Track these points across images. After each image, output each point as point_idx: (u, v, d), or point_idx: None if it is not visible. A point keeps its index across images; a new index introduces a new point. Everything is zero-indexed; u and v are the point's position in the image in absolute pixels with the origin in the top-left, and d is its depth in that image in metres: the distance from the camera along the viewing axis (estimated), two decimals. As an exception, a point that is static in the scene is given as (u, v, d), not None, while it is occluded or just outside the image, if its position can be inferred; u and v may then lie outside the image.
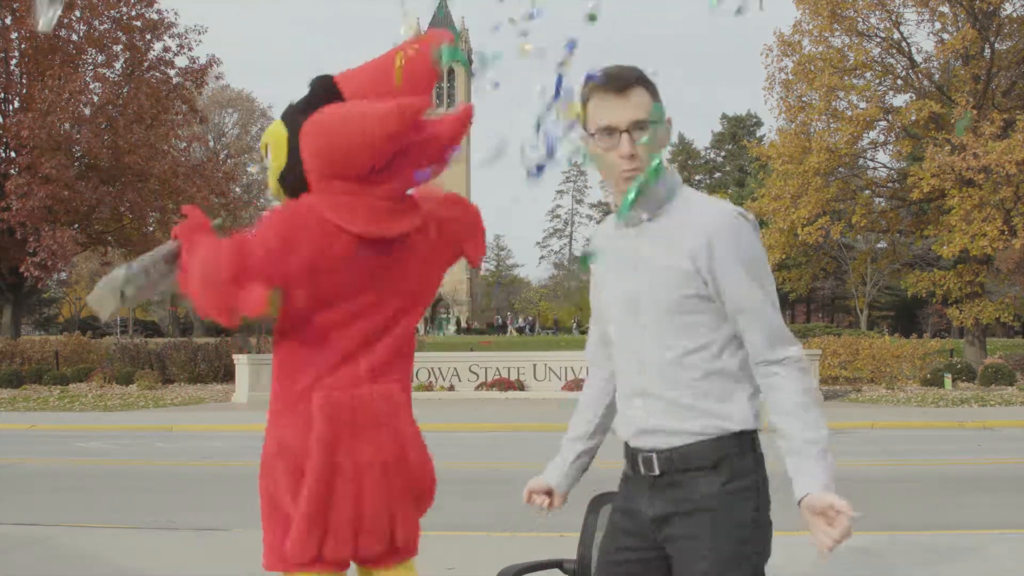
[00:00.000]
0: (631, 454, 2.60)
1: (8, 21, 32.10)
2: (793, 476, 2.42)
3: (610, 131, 2.46)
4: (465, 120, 3.09)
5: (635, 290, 2.54)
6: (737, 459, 2.49)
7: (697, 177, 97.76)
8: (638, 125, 2.45)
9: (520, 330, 78.24)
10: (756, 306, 2.48)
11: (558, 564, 3.31)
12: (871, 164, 35.24)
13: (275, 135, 3.01)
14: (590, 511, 3.15)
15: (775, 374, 2.48)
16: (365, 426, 2.92)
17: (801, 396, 2.46)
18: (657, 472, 2.51)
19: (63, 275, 54.93)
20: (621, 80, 2.49)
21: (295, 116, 3.00)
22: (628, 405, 2.61)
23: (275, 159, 3.01)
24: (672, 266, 2.49)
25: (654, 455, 2.52)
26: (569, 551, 3.18)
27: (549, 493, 2.88)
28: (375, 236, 2.88)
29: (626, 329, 2.59)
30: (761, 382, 2.51)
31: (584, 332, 73.58)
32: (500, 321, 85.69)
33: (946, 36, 31.21)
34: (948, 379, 25.48)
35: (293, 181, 2.98)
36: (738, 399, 2.52)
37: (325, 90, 3.05)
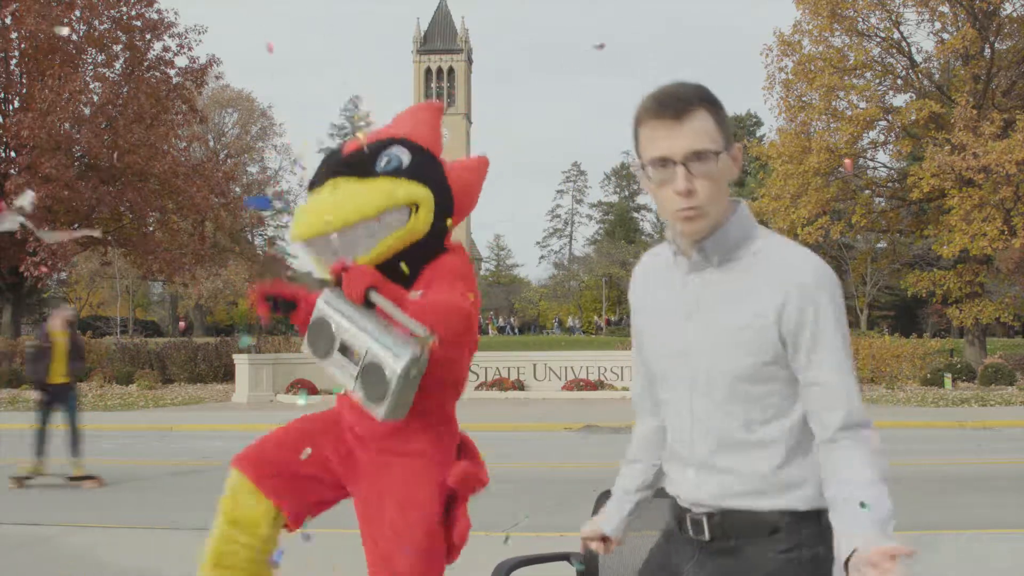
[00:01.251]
0: (679, 512, 2.32)
1: (8, 21, 32.09)
2: (836, 535, 2.11)
3: (663, 162, 2.11)
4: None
5: (692, 350, 2.21)
6: (800, 527, 2.17)
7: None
8: (697, 156, 2.09)
9: (501, 330, 78.25)
10: (843, 379, 2.14)
11: (565, 557, 3.39)
12: (871, 164, 35.25)
13: (425, 197, 3.20)
14: (597, 507, 3.08)
15: (842, 447, 2.14)
16: None
17: (868, 468, 2.16)
18: (708, 538, 2.23)
19: (63, 275, 54.93)
20: (679, 103, 2.11)
21: (429, 172, 3.26)
22: (679, 471, 2.31)
23: (427, 217, 3.19)
24: (743, 326, 2.16)
25: (704, 518, 2.23)
26: (571, 549, 3.19)
27: (604, 539, 2.54)
28: None
29: (679, 391, 2.27)
30: (824, 457, 2.16)
31: (568, 332, 72.98)
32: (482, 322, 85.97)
33: (946, 36, 31.23)
34: (948, 379, 25.49)
35: (436, 235, 3.26)
36: (805, 481, 2.19)
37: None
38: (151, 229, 35.88)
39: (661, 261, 2.36)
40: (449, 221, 3.29)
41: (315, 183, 3.21)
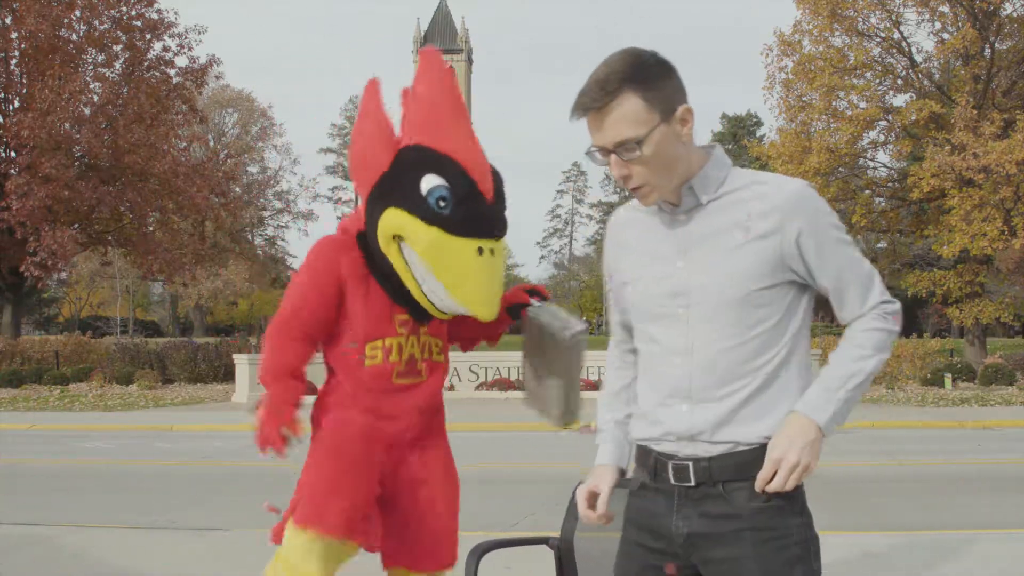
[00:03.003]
0: (656, 462, 2.33)
1: (8, 21, 32.10)
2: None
3: (600, 151, 2.22)
4: None
5: (689, 281, 2.27)
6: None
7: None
8: (622, 146, 2.17)
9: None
10: (855, 269, 2.31)
11: (544, 540, 3.59)
12: (871, 164, 35.25)
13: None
14: (574, 499, 3.19)
15: (866, 320, 2.31)
16: None
17: (867, 342, 2.28)
18: (693, 483, 2.26)
19: (63, 275, 54.93)
20: (600, 93, 2.16)
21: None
22: (664, 408, 2.31)
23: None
24: (741, 253, 2.23)
25: (690, 464, 2.26)
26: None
27: (594, 498, 2.51)
28: None
29: (675, 328, 2.29)
30: (846, 334, 2.31)
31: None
32: None
33: (946, 36, 31.21)
34: (948, 379, 25.47)
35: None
36: (781, 407, 2.27)
37: None
38: (151, 229, 35.87)
39: (639, 214, 2.45)
40: None
41: (463, 230, 3.22)
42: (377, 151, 3.26)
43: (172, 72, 35.92)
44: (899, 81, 32.84)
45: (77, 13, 33.01)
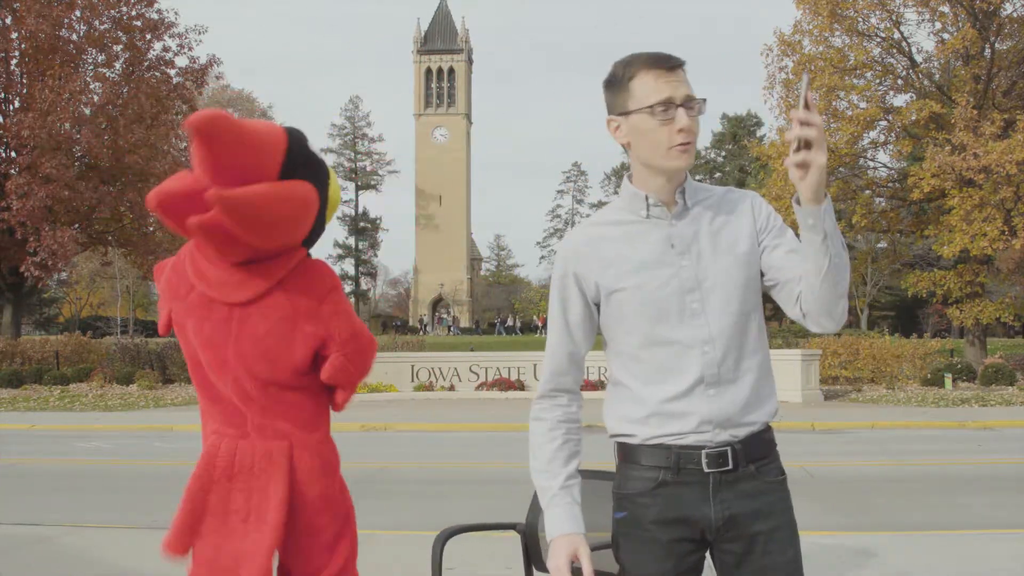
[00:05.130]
0: (680, 457, 2.45)
1: (8, 21, 32.10)
2: None
3: (666, 105, 2.40)
4: None
5: (694, 274, 2.46)
6: (775, 443, 2.56)
7: (698, 177, 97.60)
8: (691, 100, 2.42)
9: (509, 330, 78.58)
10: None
11: (512, 526, 3.78)
12: (871, 164, 35.25)
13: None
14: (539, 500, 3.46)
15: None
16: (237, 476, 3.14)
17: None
18: (730, 467, 2.43)
19: (63, 275, 54.93)
20: (672, 58, 2.46)
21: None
22: (689, 399, 2.44)
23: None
24: (740, 246, 2.49)
25: (728, 449, 2.43)
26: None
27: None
28: None
29: (693, 320, 2.45)
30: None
31: (509, 331, 72.72)
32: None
33: (946, 36, 31.21)
34: (948, 379, 25.49)
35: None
36: (772, 383, 2.57)
37: None
38: (151, 229, 35.85)
39: (607, 229, 2.56)
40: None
41: None
42: None
43: (172, 72, 35.95)
44: (899, 81, 32.84)
45: (77, 13, 33.03)
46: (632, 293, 2.48)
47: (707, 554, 2.53)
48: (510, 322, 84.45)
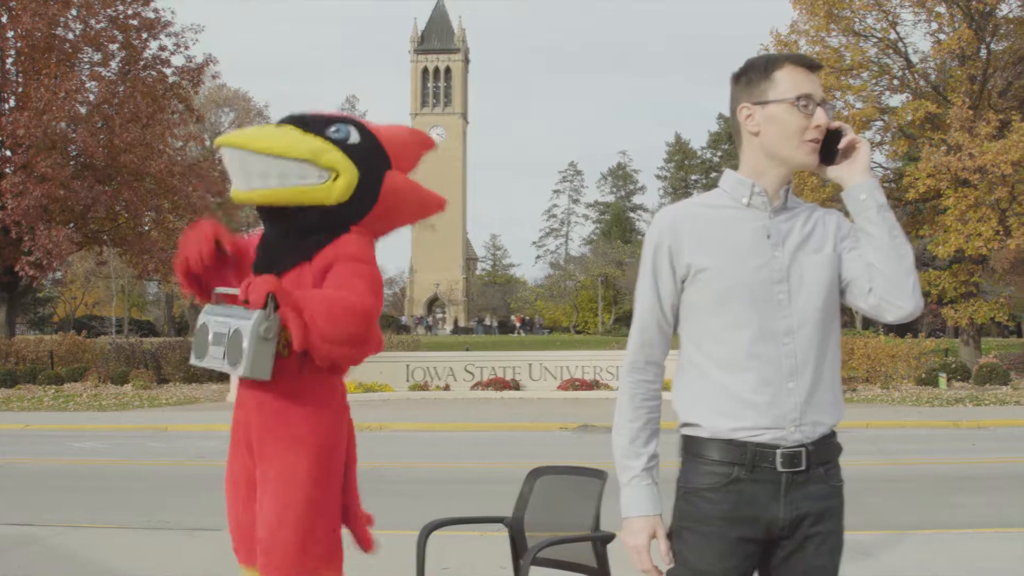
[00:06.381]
0: (756, 454, 2.46)
1: (4, 20, 32.04)
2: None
3: (807, 100, 2.51)
4: None
5: (790, 270, 2.52)
6: (840, 448, 2.64)
7: (693, 177, 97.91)
8: (826, 103, 2.54)
9: (488, 329, 78.85)
10: None
11: (500, 520, 4.05)
12: (867, 164, 35.26)
13: (350, 172, 3.24)
14: (527, 480, 4.08)
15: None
16: None
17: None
18: (803, 467, 2.48)
19: (58, 274, 54.85)
20: (815, 62, 2.59)
21: (369, 160, 3.29)
22: (770, 388, 2.47)
23: (344, 191, 3.22)
24: (826, 247, 2.58)
25: (803, 449, 2.48)
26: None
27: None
28: None
29: (779, 310, 2.50)
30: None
31: (487, 331, 72.83)
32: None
33: (942, 36, 31.21)
34: (943, 379, 25.53)
35: (343, 215, 3.26)
36: (840, 388, 2.63)
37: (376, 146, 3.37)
38: (147, 228, 35.78)
39: (708, 210, 2.61)
40: (366, 214, 3.31)
41: None
42: None
43: (168, 71, 35.81)
44: (895, 81, 32.86)
45: (73, 12, 32.93)
46: (721, 274, 2.51)
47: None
48: (488, 321, 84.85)
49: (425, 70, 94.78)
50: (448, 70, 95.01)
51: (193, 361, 3.29)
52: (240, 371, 3.04)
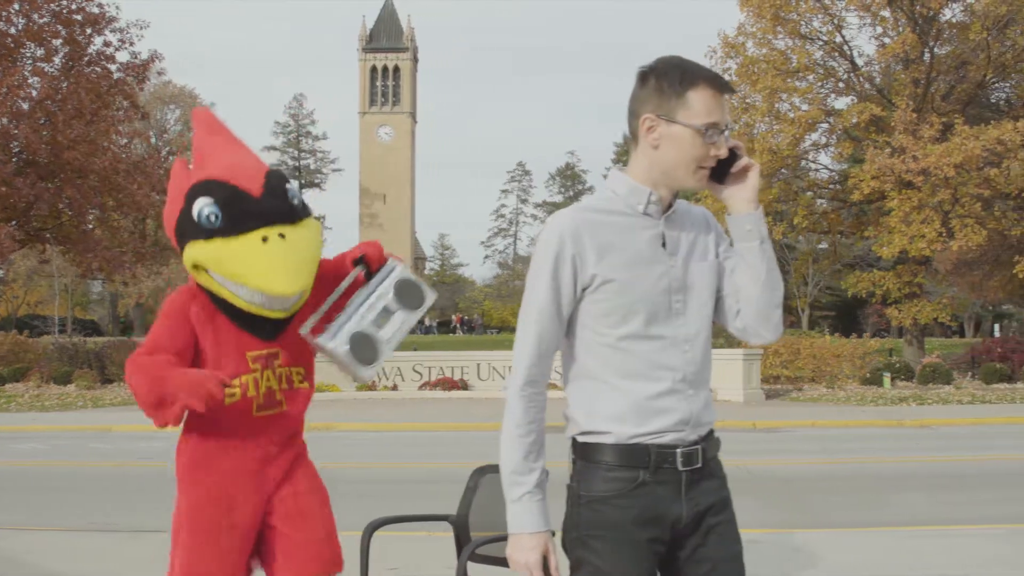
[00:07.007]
0: (658, 456, 2.46)
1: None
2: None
3: (715, 128, 2.45)
4: None
5: (684, 279, 2.54)
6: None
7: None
8: (728, 126, 2.51)
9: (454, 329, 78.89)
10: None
11: (444, 518, 4.17)
12: (813, 166, 35.66)
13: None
14: (472, 478, 4.20)
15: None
16: None
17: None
18: (700, 464, 2.51)
19: (0, 273, 53.96)
20: (728, 84, 2.53)
21: None
22: (672, 396, 2.49)
23: None
24: (710, 251, 2.61)
25: (699, 448, 2.51)
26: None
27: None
28: None
29: (677, 319, 2.52)
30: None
31: (426, 331, 72.86)
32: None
33: (887, 40, 31.65)
34: (887, 378, 25.86)
35: None
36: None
37: None
38: (91, 227, 35.32)
39: (605, 216, 2.54)
40: None
41: (237, 229, 3.23)
42: (174, 206, 3.40)
43: (113, 67, 35.35)
44: (840, 84, 33.26)
45: (16, 6, 32.42)
46: (625, 285, 2.47)
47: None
48: (427, 322, 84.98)
49: (374, 69, 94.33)
50: (397, 69, 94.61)
51: (370, 374, 3.47)
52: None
